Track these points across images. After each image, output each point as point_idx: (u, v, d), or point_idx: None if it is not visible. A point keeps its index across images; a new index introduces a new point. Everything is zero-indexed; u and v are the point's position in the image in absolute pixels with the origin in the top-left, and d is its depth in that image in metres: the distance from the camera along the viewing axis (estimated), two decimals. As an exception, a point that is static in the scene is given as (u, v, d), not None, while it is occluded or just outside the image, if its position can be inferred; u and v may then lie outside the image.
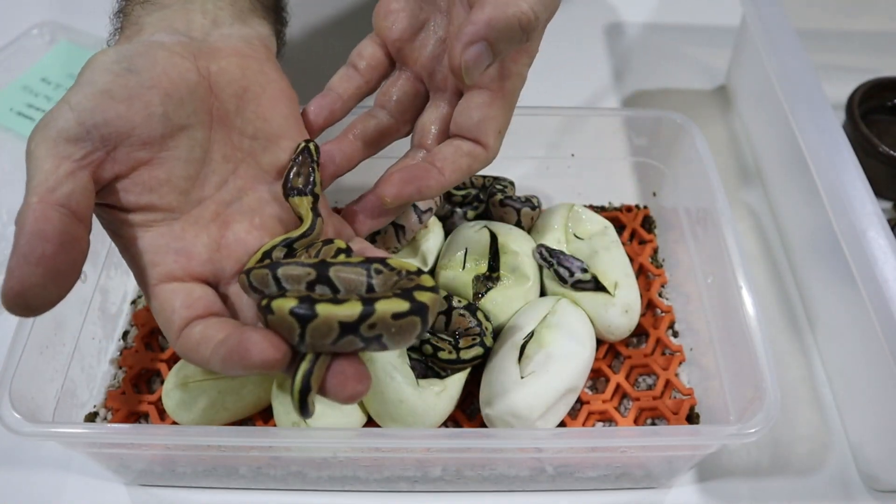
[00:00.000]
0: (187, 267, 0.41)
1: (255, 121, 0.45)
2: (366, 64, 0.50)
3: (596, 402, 0.56)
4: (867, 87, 0.72)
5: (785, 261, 0.67)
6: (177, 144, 0.42)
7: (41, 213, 0.35)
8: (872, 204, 0.53)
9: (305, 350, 0.36)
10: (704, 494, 0.54)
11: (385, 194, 0.45)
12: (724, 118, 0.79)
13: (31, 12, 0.85)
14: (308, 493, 0.54)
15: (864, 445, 0.55)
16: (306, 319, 0.34)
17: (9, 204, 0.68)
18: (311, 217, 0.44)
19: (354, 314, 0.34)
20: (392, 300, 0.35)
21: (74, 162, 0.38)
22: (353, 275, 0.39)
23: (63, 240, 0.35)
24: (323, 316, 0.34)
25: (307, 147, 0.45)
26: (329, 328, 0.34)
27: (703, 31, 0.88)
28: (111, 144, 0.39)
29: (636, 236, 0.66)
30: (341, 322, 0.34)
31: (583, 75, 0.83)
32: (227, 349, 0.35)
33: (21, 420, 0.46)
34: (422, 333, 0.37)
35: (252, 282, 0.40)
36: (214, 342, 0.37)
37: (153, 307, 0.41)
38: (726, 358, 0.53)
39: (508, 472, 0.52)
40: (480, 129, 0.45)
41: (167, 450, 0.49)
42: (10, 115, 0.74)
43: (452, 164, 0.45)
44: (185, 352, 0.39)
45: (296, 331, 0.35)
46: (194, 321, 0.39)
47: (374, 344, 0.36)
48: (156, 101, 0.41)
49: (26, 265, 0.34)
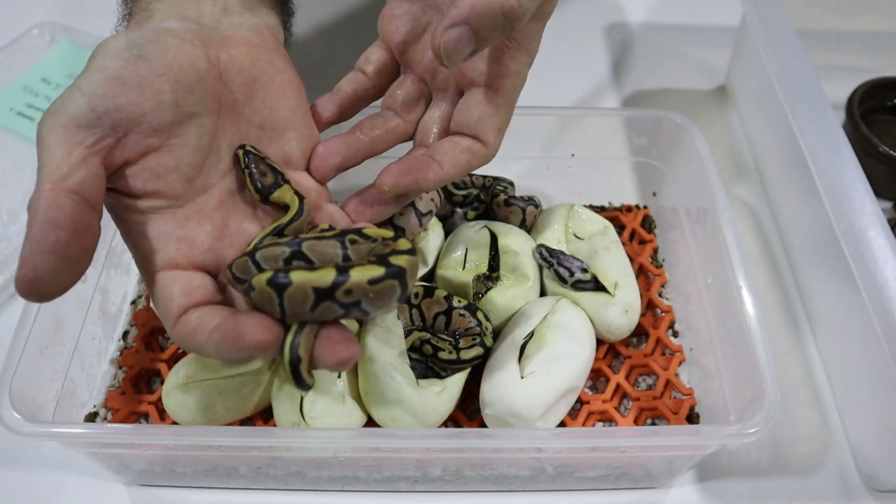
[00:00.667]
0: (189, 255, 0.41)
1: (263, 111, 0.45)
2: (373, 68, 0.50)
3: (596, 402, 0.56)
4: (867, 87, 0.72)
5: (785, 261, 0.67)
6: (185, 132, 0.42)
7: (54, 201, 0.35)
8: (872, 204, 0.53)
9: (289, 322, 0.36)
10: (704, 494, 0.54)
11: (383, 183, 0.45)
12: (723, 118, 0.79)
13: (31, 12, 0.85)
14: (308, 493, 0.54)
15: (864, 445, 0.55)
16: (282, 287, 0.35)
17: (9, 204, 0.68)
18: (297, 200, 0.44)
19: (328, 280, 0.35)
20: (367, 267, 0.36)
21: (86, 148, 0.38)
22: (327, 248, 0.39)
23: (76, 227, 0.35)
24: (297, 283, 0.35)
25: (246, 151, 0.44)
26: (305, 295, 0.35)
27: (703, 31, 0.88)
28: (122, 131, 0.39)
29: (636, 236, 0.66)
30: (315, 288, 0.35)
31: (583, 75, 0.83)
32: (222, 333, 0.36)
33: (21, 420, 0.46)
34: (403, 297, 0.37)
35: (235, 273, 0.40)
36: (209, 328, 0.37)
37: (153, 293, 0.41)
38: (726, 358, 0.53)
39: (508, 472, 0.52)
40: (480, 126, 0.46)
41: (167, 450, 0.49)
42: (10, 115, 0.74)
43: (452, 159, 0.46)
44: (181, 338, 0.39)
45: (275, 301, 0.35)
46: (192, 309, 0.39)
47: (354, 310, 0.36)
48: (166, 89, 0.41)
49: (40, 253, 0.34)
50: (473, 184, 0.64)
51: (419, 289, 0.56)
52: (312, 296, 0.35)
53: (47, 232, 0.35)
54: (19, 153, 0.72)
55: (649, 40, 0.88)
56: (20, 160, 0.71)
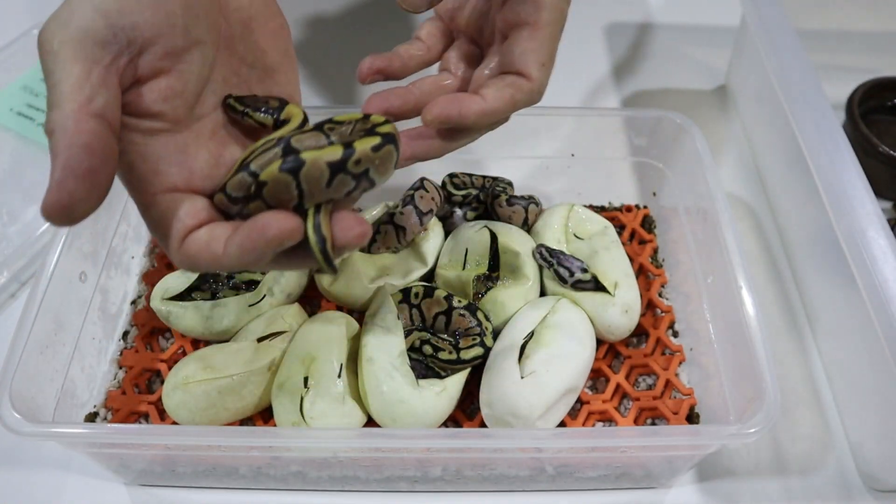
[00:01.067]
0: (189, 179, 0.41)
1: (255, 51, 0.45)
2: (425, 33, 0.51)
3: (596, 402, 0.56)
4: (867, 87, 0.72)
5: (785, 261, 0.67)
6: (191, 59, 0.42)
7: (82, 125, 0.35)
8: (872, 204, 0.53)
9: (306, 205, 0.38)
10: (704, 494, 0.54)
11: (426, 114, 0.45)
12: (724, 118, 0.79)
13: (31, 12, 0.85)
14: (308, 493, 0.54)
15: (863, 445, 0.55)
16: (297, 168, 0.37)
17: (9, 204, 0.68)
18: (301, 112, 0.44)
19: (338, 154, 0.37)
20: (364, 139, 0.38)
21: (104, 68, 0.37)
22: (312, 139, 0.41)
23: (105, 153, 0.35)
24: (310, 160, 0.37)
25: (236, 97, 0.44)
26: (320, 171, 0.37)
27: (703, 31, 0.88)
28: (136, 50, 0.39)
29: (636, 236, 0.66)
30: (329, 163, 0.37)
31: (583, 75, 0.83)
32: (243, 235, 0.36)
33: (21, 420, 0.46)
34: (397, 161, 0.40)
35: (231, 193, 0.40)
36: (224, 238, 0.37)
37: (151, 216, 0.40)
38: (726, 358, 0.53)
39: (508, 472, 0.52)
40: (521, 62, 0.46)
41: (167, 450, 0.49)
42: (10, 115, 0.74)
43: (495, 93, 0.46)
44: (191, 255, 0.38)
45: (292, 185, 0.37)
46: (197, 228, 0.39)
47: (363, 181, 0.38)
48: (178, 13, 0.40)
49: (73, 178, 0.34)
50: (473, 184, 0.64)
51: (419, 289, 0.56)
52: (327, 171, 0.37)
53: (80, 158, 0.34)
54: (19, 153, 0.72)
55: (649, 40, 0.88)
56: (20, 160, 0.71)
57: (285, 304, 0.58)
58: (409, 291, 0.56)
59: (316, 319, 0.55)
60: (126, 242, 0.63)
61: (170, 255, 0.39)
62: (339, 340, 0.53)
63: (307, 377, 0.51)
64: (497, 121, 0.47)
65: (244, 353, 0.53)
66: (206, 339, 0.58)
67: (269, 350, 0.54)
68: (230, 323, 0.56)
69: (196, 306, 0.56)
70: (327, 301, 0.60)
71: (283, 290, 0.58)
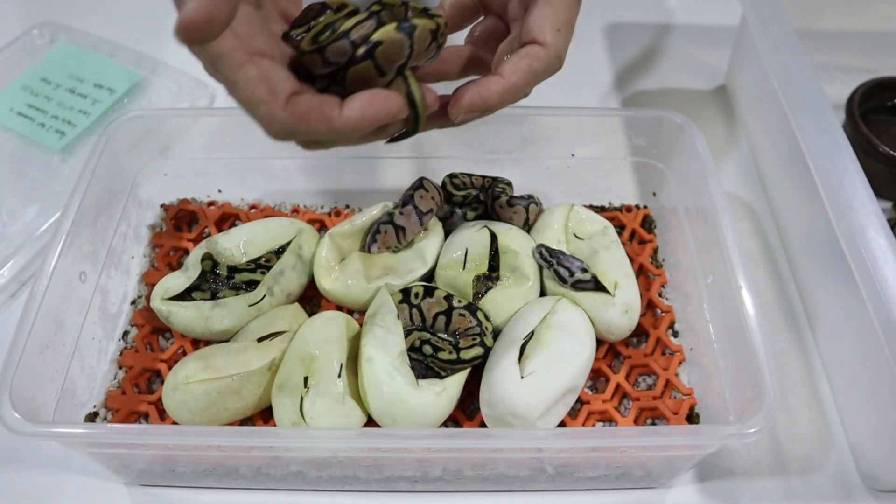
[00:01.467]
0: (272, 50, 0.42)
1: None
2: (450, 3, 0.51)
3: (596, 402, 0.56)
4: (867, 87, 0.72)
5: (785, 261, 0.67)
6: None
7: None
8: (872, 204, 0.53)
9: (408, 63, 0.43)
10: (704, 494, 0.54)
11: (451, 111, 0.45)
12: (724, 118, 0.79)
13: (31, 12, 0.85)
14: (308, 493, 0.54)
15: (863, 445, 0.55)
16: (411, 31, 0.42)
17: (9, 204, 0.68)
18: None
19: (434, 23, 0.43)
20: (423, 18, 0.43)
21: None
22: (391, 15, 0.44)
23: None
24: (420, 26, 0.42)
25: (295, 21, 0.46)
26: (425, 36, 0.42)
27: (703, 31, 0.88)
28: None
29: (636, 236, 0.66)
30: (431, 30, 0.43)
31: (583, 75, 0.83)
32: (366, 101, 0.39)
33: (21, 420, 0.46)
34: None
35: (329, 57, 0.42)
36: (336, 103, 0.39)
37: (242, 81, 0.39)
38: (726, 358, 0.53)
39: (508, 472, 0.52)
40: (536, 29, 0.45)
41: (167, 450, 0.49)
42: (10, 115, 0.74)
43: (512, 67, 0.45)
44: (300, 114, 0.39)
45: (405, 44, 0.42)
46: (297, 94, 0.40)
47: (439, 49, 0.45)
48: None
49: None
50: (473, 184, 0.64)
51: (419, 289, 0.56)
52: (429, 37, 0.42)
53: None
54: (19, 153, 0.72)
55: (649, 40, 0.88)
56: (20, 160, 0.71)
57: (285, 304, 0.59)
58: (409, 291, 0.56)
59: (316, 319, 0.55)
60: (126, 242, 0.63)
61: (266, 119, 0.39)
62: (339, 340, 0.53)
63: (307, 377, 0.51)
64: (521, 95, 0.47)
65: (244, 353, 0.53)
66: (206, 339, 0.58)
67: (269, 350, 0.54)
68: (230, 323, 0.56)
69: (196, 306, 0.56)
70: (327, 301, 0.60)
71: (283, 290, 0.58)
